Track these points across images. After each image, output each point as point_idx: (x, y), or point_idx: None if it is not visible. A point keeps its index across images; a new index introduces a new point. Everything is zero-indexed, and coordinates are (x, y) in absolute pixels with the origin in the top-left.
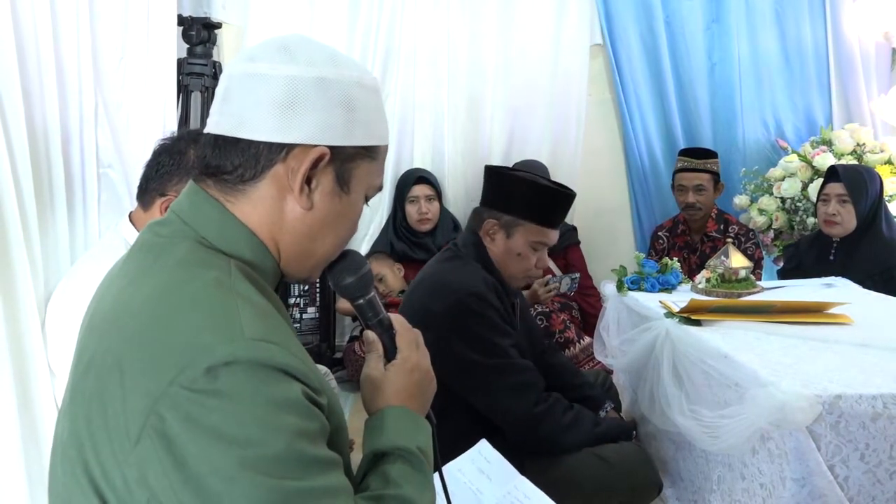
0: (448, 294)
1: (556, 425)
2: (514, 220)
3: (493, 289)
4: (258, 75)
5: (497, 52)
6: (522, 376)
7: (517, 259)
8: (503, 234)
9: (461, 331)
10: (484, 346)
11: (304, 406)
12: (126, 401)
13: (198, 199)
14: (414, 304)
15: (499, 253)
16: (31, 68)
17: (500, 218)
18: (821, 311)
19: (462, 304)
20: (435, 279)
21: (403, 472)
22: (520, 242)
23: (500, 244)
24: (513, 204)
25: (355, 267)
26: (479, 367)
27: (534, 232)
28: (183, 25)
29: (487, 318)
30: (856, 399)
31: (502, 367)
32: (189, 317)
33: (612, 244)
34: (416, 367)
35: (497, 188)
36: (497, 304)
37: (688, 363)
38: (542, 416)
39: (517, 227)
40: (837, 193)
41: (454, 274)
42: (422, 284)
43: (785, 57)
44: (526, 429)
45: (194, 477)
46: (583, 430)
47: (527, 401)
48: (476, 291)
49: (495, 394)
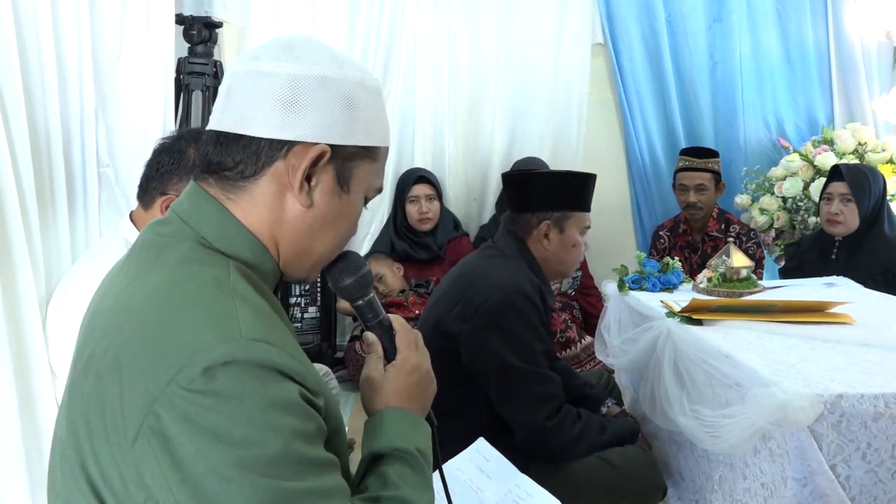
0: (494, 288)
1: (565, 438)
2: (563, 214)
3: (537, 290)
4: (261, 73)
5: (498, 51)
6: (546, 388)
7: (573, 250)
8: (557, 231)
9: (502, 327)
10: (521, 348)
11: (301, 407)
12: (124, 400)
13: (198, 199)
14: (454, 296)
15: (554, 251)
16: (33, 67)
17: (551, 216)
18: (822, 310)
19: (508, 299)
20: (479, 273)
21: (402, 474)
22: (573, 233)
23: (556, 241)
24: (557, 200)
25: (354, 268)
26: (511, 369)
27: (580, 219)
28: (184, 25)
29: (529, 319)
30: (857, 398)
31: (531, 375)
32: (187, 316)
33: (613, 243)
34: (415, 368)
35: (534, 191)
36: (539, 305)
37: (689, 363)
38: (552, 430)
39: (567, 220)
40: (840, 193)
41: (501, 270)
42: (463, 278)
43: (786, 56)
44: (535, 440)
45: (191, 477)
46: (590, 439)
47: (541, 413)
48: (523, 290)
49: (515, 398)
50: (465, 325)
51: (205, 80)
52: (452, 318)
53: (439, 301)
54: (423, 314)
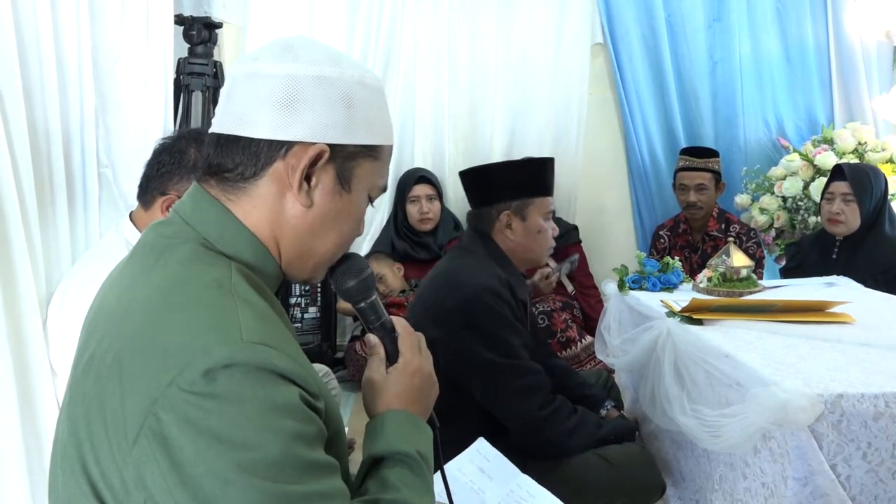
0: (463, 290)
1: (560, 430)
2: (523, 202)
3: (506, 285)
4: (260, 74)
5: (498, 51)
6: (531, 379)
7: (539, 237)
8: (518, 219)
9: (476, 327)
10: (498, 344)
11: (301, 410)
12: (124, 401)
13: (200, 201)
14: (426, 301)
15: (519, 240)
16: (33, 68)
17: (510, 206)
18: (822, 310)
19: (478, 299)
20: (449, 276)
21: (402, 477)
22: (536, 219)
23: (520, 230)
24: (514, 189)
25: (357, 270)
26: (492, 366)
27: (542, 204)
28: (183, 25)
29: (502, 314)
30: (858, 398)
31: (512, 368)
32: (188, 319)
33: (613, 243)
34: (417, 371)
35: (490, 184)
36: (510, 299)
37: (689, 362)
38: (546, 420)
39: (528, 206)
40: (842, 192)
41: (469, 270)
42: (435, 281)
43: (786, 56)
44: (530, 432)
45: (191, 479)
46: (586, 433)
47: (532, 404)
48: (491, 287)
49: (503, 394)
50: (439, 330)
51: (205, 80)
52: (428, 323)
53: (416, 306)
54: (407, 317)
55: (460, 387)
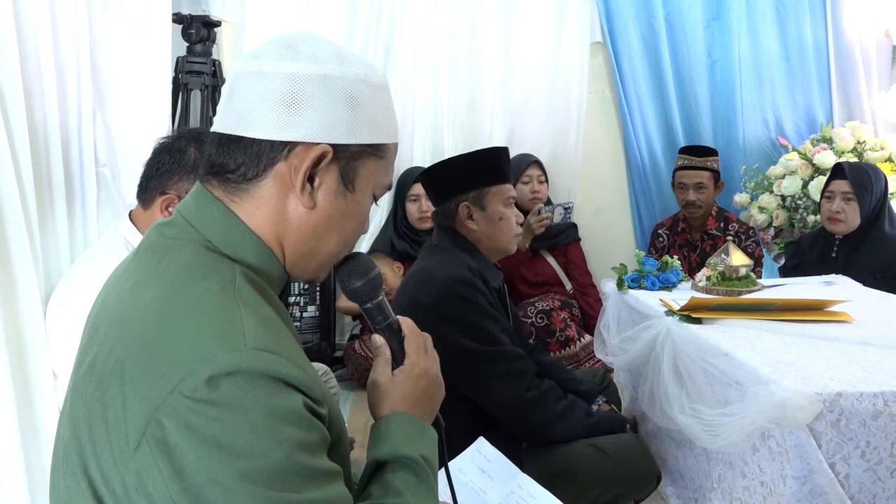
0: (436, 284)
1: (549, 413)
2: (480, 192)
3: (478, 274)
4: (261, 73)
5: (497, 49)
6: (515, 364)
7: (501, 224)
8: (478, 209)
9: (452, 319)
10: (475, 332)
11: (305, 417)
12: (127, 406)
13: (204, 201)
14: (403, 302)
15: (483, 229)
16: (32, 67)
17: (468, 197)
18: (821, 308)
19: (451, 291)
20: (422, 274)
21: (406, 481)
22: (496, 207)
23: (481, 220)
24: (469, 181)
25: (364, 270)
26: (472, 355)
27: (500, 192)
28: (182, 24)
29: (476, 303)
30: (856, 397)
31: (494, 355)
32: (192, 324)
33: (611, 242)
34: (423, 374)
35: (445, 179)
36: (483, 288)
37: (688, 361)
38: (534, 402)
39: (486, 195)
40: (842, 191)
41: (439, 265)
42: (409, 281)
43: (785, 54)
44: (519, 415)
45: (193, 487)
46: (576, 419)
47: (519, 387)
48: (462, 277)
49: (487, 381)
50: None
51: (203, 79)
52: None
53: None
54: None
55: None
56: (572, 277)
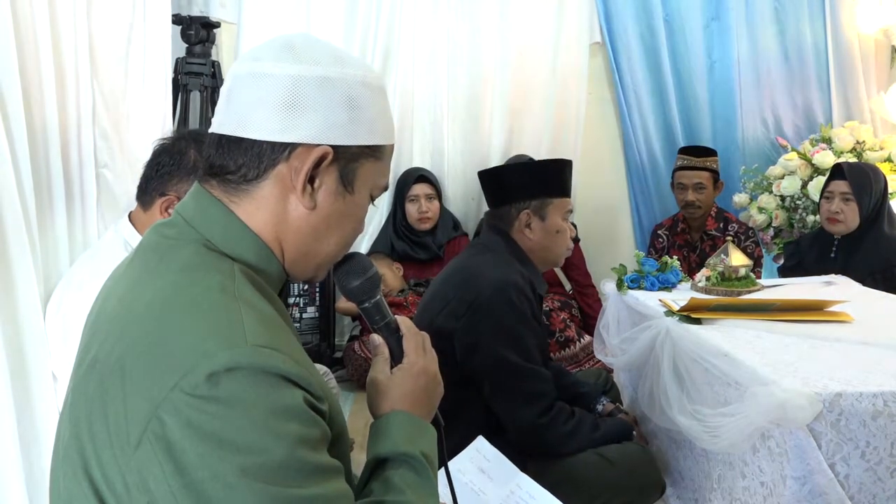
0: (485, 284)
1: (558, 434)
2: (542, 202)
3: (527, 282)
4: (261, 74)
5: (496, 50)
6: (539, 385)
7: (558, 237)
8: (538, 219)
9: (496, 323)
10: (516, 343)
11: (305, 413)
12: (127, 404)
13: (203, 201)
14: (444, 296)
15: (539, 240)
16: (30, 67)
17: (530, 205)
18: (821, 308)
19: (501, 294)
20: (470, 272)
21: (406, 479)
22: (556, 219)
23: (539, 230)
24: (534, 189)
25: (361, 270)
26: (503, 363)
27: (561, 205)
28: (182, 25)
29: (523, 312)
30: (856, 397)
31: (523, 371)
32: (192, 321)
33: (611, 243)
34: (422, 372)
35: (508, 184)
36: (531, 297)
37: (688, 361)
38: (545, 427)
39: (548, 206)
40: (842, 191)
41: (493, 266)
42: (453, 277)
43: (784, 55)
44: (527, 436)
45: (194, 483)
46: (582, 436)
47: (533, 410)
48: (515, 282)
49: (510, 396)
50: (458, 322)
51: (203, 80)
52: (445, 317)
53: (431, 301)
54: (417, 316)
55: (470, 381)
56: (571, 278)
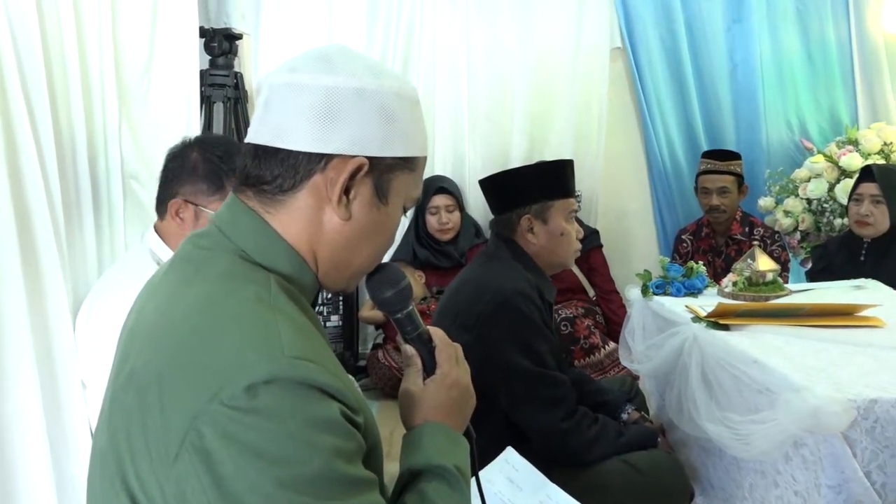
0: (492, 293)
1: (582, 440)
2: (543, 205)
3: (535, 289)
4: (298, 85)
5: (516, 56)
6: (557, 390)
7: (562, 239)
8: (540, 223)
9: (508, 332)
10: (527, 350)
11: (341, 425)
12: (165, 416)
13: (237, 212)
14: (454, 308)
15: (543, 243)
16: (58, 79)
17: (530, 209)
18: (851, 313)
19: (509, 303)
20: (479, 281)
21: (439, 491)
22: (558, 221)
23: (542, 233)
24: (533, 193)
25: (394, 280)
26: (517, 372)
27: (563, 206)
28: (205, 37)
29: (532, 319)
30: (892, 403)
31: (539, 377)
32: (229, 333)
33: (634, 248)
34: (455, 384)
35: (507, 190)
36: (539, 303)
37: (717, 368)
38: (568, 432)
39: (549, 209)
40: (871, 194)
41: (498, 275)
42: (463, 288)
43: (808, 56)
44: (550, 443)
45: (232, 495)
46: (607, 442)
47: (555, 416)
48: (522, 290)
49: (527, 402)
50: (468, 334)
51: (226, 91)
52: (456, 330)
53: (442, 314)
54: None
55: (487, 394)
56: (595, 284)
